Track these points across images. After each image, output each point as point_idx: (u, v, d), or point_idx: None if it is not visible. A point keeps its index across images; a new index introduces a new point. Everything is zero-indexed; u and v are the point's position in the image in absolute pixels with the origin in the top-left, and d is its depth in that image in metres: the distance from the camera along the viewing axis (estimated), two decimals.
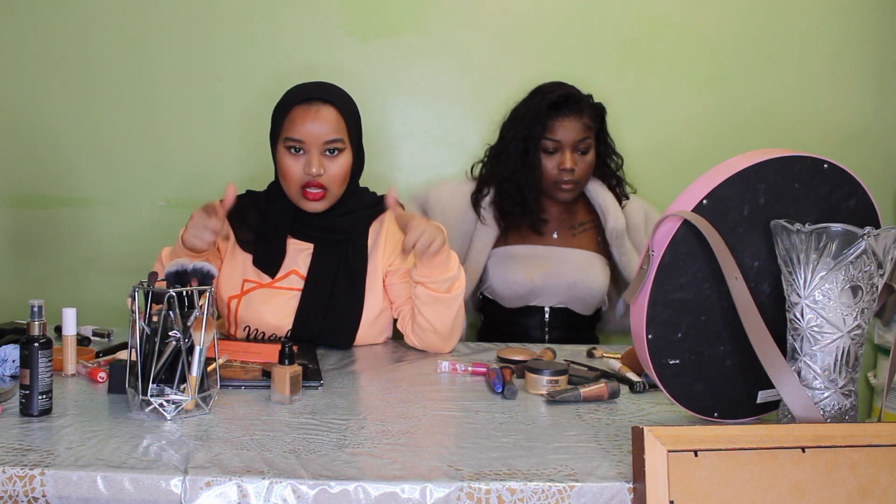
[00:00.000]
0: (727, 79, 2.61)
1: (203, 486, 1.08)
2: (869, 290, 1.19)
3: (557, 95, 2.11)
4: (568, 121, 2.10)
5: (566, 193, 2.15)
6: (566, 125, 2.10)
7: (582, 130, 2.11)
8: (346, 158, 1.80)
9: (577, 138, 2.11)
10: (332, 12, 2.54)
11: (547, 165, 2.13)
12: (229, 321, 1.86)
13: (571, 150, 2.11)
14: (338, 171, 1.78)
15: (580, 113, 2.12)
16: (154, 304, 1.34)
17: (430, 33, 2.57)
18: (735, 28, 2.60)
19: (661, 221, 1.25)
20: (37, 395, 1.28)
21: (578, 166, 2.12)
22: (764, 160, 1.24)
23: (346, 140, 1.79)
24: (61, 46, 2.53)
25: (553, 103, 2.10)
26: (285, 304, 1.82)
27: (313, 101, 1.77)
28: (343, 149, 1.78)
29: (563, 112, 2.10)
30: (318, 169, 1.75)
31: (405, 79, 2.59)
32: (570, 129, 2.10)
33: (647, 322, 1.26)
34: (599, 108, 2.19)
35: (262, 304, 1.81)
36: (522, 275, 2.15)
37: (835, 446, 1.12)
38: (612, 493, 1.10)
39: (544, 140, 2.12)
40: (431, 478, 1.10)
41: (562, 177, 2.12)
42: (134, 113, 2.56)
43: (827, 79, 2.62)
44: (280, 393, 1.41)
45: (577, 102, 2.12)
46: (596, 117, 2.17)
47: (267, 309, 1.81)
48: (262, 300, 1.82)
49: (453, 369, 1.66)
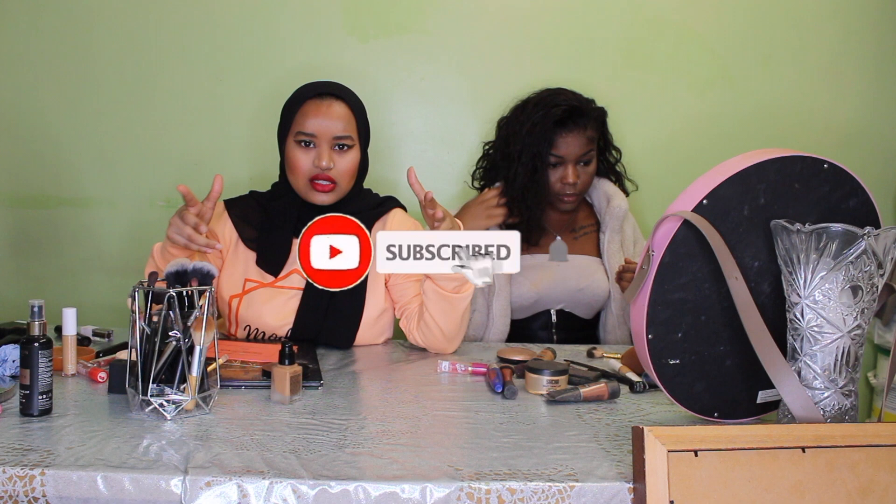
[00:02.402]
0: (727, 79, 2.61)
1: (203, 486, 1.08)
2: (869, 290, 1.19)
3: (562, 111, 2.07)
4: (572, 136, 2.08)
5: (568, 205, 2.15)
6: (569, 141, 2.08)
7: (585, 144, 2.10)
8: (355, 155, 1.82)
9: (580, 153, 2.10)
10: (333, 12, 2.54)
11: (550, 179, 2.11)
12: (230, 320, 1.86)
13: (574, 164, 2.10)
14: (347, 167, 1.80)
15: (584, 126, 2.09)
16: (154, 304, 1.34)
17: (430, 33, 2.57)
18: (735, 28, 2.60)
19: (661, 221, 1.25)
20: (37, 395, 1.29)
21: (581, 178, 2.11)
22: (764, 160, 1.24)
23: (356, 138, 1.82)
24: (61, 46, 2.53)
25: (558, 120, 2.07)
26: (286, 304, 1.82)
27: (325, 97, 1.80)
28: (352, 146, 1.81)
29: (568, 127, 2.08)
30: (329, 162, 1.77)
31: (405, 79, 2.59)
32: (574, 144, 2.08)
33: (647, 322, 1.26)
34: (601, 114, 2.17)
35: (263, 304, 1.82)
36: (528, 287, 2.14)
37: (835, 446, 1.12)
38: (612, 493, 1.10)
39: (548, 155, 2.09)
40: (431, 478, 1.10)
41: (565, 190, 2.11)
42: (134, 113, 2.56)
43: (826, 79, 2.62)
44: (280, 393, 1.41)
45: (581, 116, 2.09)
46: (599, 126, 2.16)
47: (267, 309, 1.81)
48: (263, 300, 1.82)
49: (453, 369, 1.66)
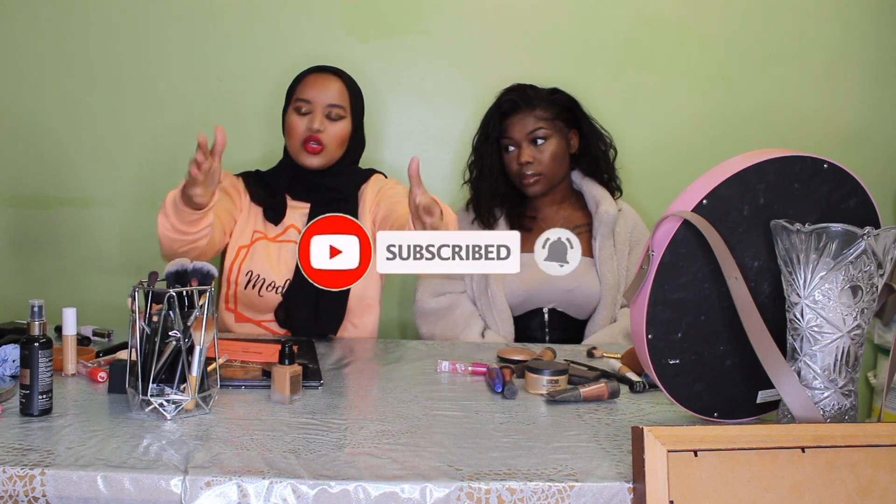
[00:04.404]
0: (727, 79, 2.61)
1: (203, 485, 1.08)
2: (869, 290, 1.19)
3: (505, 101, 2.21)
4: (518, 117, 2.19)
5: (532, 187, 2.19)
6: (517, 121, 2.19)
7: (533, 122, 2.17)
8: (346, 125, 2.02)
9: (529, 130, 2.17)
10: (333, 12, 2.54)
11: (509, 164, 2.21)
12: (231, 269, 1.99)
13: (528, 143, 2.17)
14: (336, 133, 2.00)
15: (531, 107, 2.18)
16: (154, 304, 1.34)
17: (430, 33, 2.57)
18: (735, 28, 2.60)
19: (661, 221, 1.25)
20: (37, 395, 1.29)
21: (537, 158, 2.17)
22: (764, 160, 1.24)
23: (348, 110, 2.02)
24: (61, 46, 2.53)
25: (501, 107, 2.21)
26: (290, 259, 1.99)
27: (324, 72, 2.05)
28: (344, 116, 2.01)
29: (513, 110, 2.20)
30: (320, 125, 1.98)
31: (405, 79, 2.59)
32: (522, 124, 2.18)
33: (647, 322, 1.26)
34: (563, 99, 2.22)
35: (266, 255, 2.00)
36: (518, 284, 2.14)
37: (835, 446, 1.12)
38: (612, 493, 1.10)
39: (502, 139, 2.21)
40: (431, 478, 1.10)
41: (523, 170, 2.17)
42: (134, 113, 2.56)
43: (827, 79, 2.62)
44: (280, 393, 1.41)
45: (525, 100, 2.19)
46: (554, 108, 2.20)
47: (269, 259, 1.99)
48: (266, 252, 2.00)
49: (453, 369, 1.66)
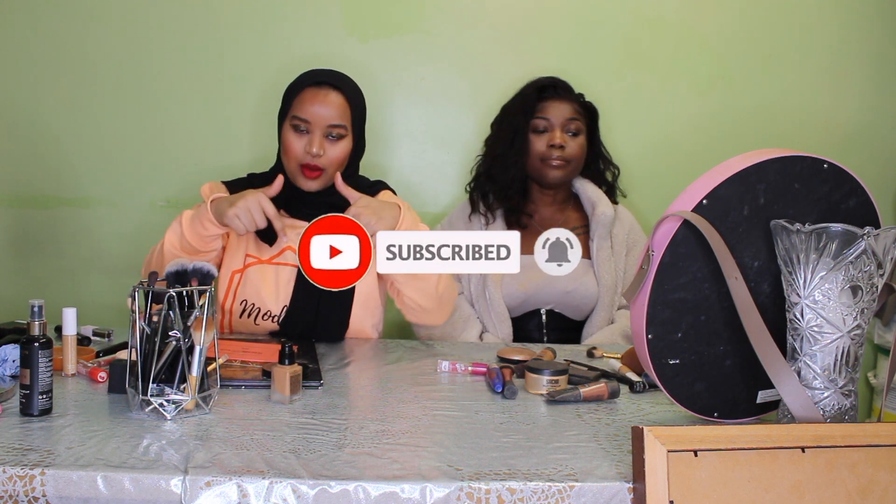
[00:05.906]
0: (727, 79, 2.61)
1: (203, 485, 1.08)
2: (869, 290, 1.19)
3: (547, 79, 2.20)
4: (557, 102, 2.17)
5: (556, 171, 2.16)
6: (555, 105, 2.17)
7: (571, 111, 2.17)
8: (346, 144, 1.88)
9: (566, 117, 2.16)
10: (333, 12, 2.54)
11: (536, 144, 2.17)
12: (226, 295, 1.89)
13: (562, 130, 2.16)
14: (336, 155, 1.86)
15: (570, 98, 2.19)
16: (154, 304, 1.34)
17: (430, 33, 2.57)
18: (735, 28, 2.60)
19: (661, 221, 1.25)
20: (37, 395, 1.28)
21: (569, 145, 2.15)
22: (764, 160, 1.24)
23: (349, 127, 1.87)
24: (61, 46, 2.53)
25: (542, 87, 2.19)
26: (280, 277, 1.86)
27: (323, 86, 1.87)
28: (344, 135, 1.87)
29: (553, 95, 2.18)
30: (319, 150, 1.83)
31: (405, 79, 2.59)
32: (560, 109, 2.17)
33: (647, 322, 1.26)
34: (590, 106, 2.24)
35: (261, 281, 1.87)
36: (515, 287, 2.14)
37: (834, 446, 1.12)
38: (612, 493, 1.10)
39: (535, 120, 2.17)
40: (431, 478, 1.10)
41: (551, 153, 2.15)
42: (134, 113, 2.56)
43: (827, 79, 2.62)
44: (280, 393, 1.41)
45: (566, 89, 2.20)
46: (586, 112, 2.21)
47: (264, 285, 1.87)
48: (261, 276, 1.88)
49: (453, 369, 1.66)
